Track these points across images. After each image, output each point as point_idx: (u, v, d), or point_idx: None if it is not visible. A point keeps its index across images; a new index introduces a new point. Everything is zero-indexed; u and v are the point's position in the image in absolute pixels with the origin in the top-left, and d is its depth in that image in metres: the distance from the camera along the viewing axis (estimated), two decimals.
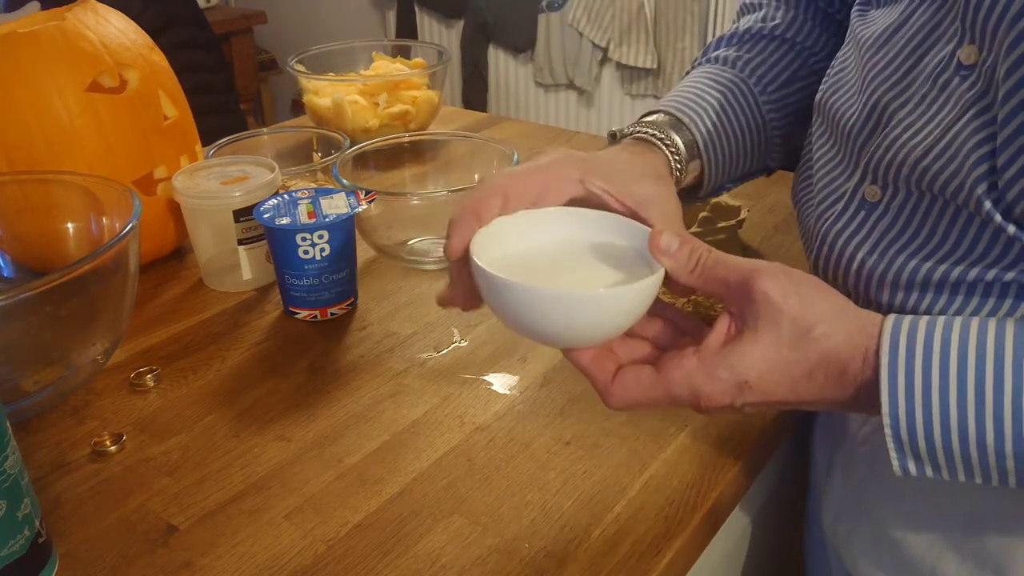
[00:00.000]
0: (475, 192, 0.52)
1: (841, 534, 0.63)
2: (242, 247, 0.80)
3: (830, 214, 0.57)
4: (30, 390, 0.64)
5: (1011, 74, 0.45)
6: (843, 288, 0.56)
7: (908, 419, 0.43)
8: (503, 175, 0.53)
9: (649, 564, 0.51)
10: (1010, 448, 0.42)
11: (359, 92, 1.15)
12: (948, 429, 0.43)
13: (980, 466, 0.44)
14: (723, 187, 0.69)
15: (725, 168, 0.66)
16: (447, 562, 0.52)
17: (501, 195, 0.51)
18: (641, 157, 0.59)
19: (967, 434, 0.42)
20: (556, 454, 0.60)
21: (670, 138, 0.61)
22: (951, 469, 0.44)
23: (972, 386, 0.42)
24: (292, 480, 0.58)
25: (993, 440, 0.42)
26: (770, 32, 0.69)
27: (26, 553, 0.48)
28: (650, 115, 0.64)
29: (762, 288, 0.45)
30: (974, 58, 0.48)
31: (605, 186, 0.53)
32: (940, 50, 0.51)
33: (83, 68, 0.75)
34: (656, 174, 0.57)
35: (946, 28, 0.51)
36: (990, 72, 0.47)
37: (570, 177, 0.54)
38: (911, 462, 0.45)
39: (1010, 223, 0.46)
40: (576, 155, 0.56)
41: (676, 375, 0.46)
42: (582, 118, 2.73)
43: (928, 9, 0.52)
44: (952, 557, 0.54)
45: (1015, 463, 0.42)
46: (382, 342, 0.73)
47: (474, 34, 2.79)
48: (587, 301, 0.45)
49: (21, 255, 0.79)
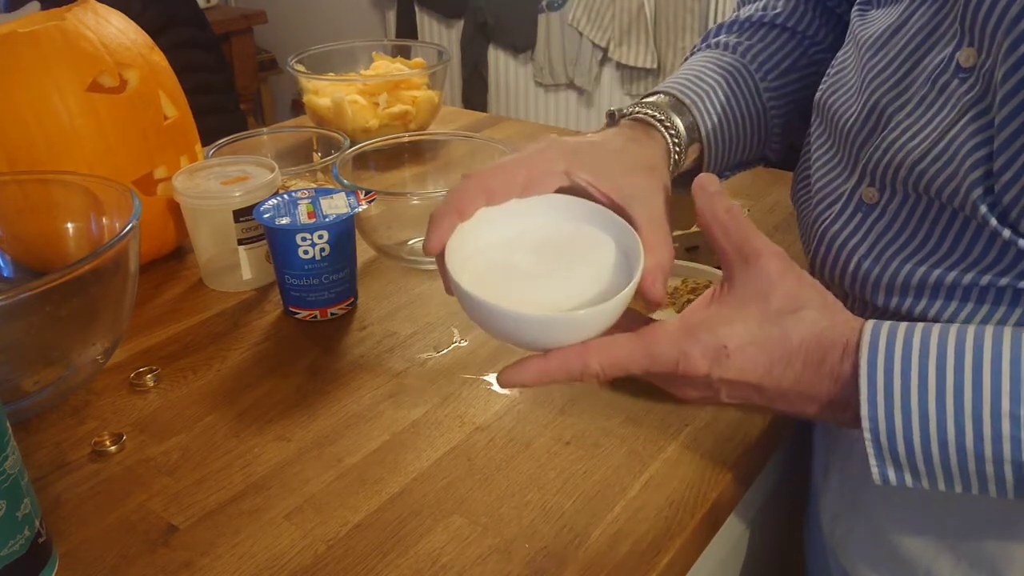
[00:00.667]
0: (458, 188, 0.51)
1: (838, 535, 0.63)
2: (242, 247, 0.80)
3: (828, 215, 0.57)
4: (30, 390, 0.63)
5: (1009, 77, 0.44)
6: (840, 290, 0.56)
7: (887, 422, 0.43)
8: (487, 170, 0.52)
9: (649, 564, 0.51)
10: (989, 451, 0.41)
11: (359, 92, 1.15)
12: (927, 432, 0.42)
13: (960, 472, 0.43)
14: (722, 174, 0.68)
15: (725, 153, 0.65)
16: (447, 562, 0.52)
17: (484, 191, 0.51)
18: (635, 144, 0.58)
19: (946, 437, 0.42)
20: (556, 454, 0.60)
21: (670, 120, 0.60)
22: (931, 476, 0.44)
23: (951, 386, 0.42)
24: (292, 480, 0.58)
25: (972, 443, 0.41)
26: (771, 20, 0.69)
27: (26, 553, 0.48)
28: (651, 96, 0.63)
29: (765, 260, 0.46)
30: (973, 60, 0.48)
31: (591, 179, 0.53)
32: (939, 52, 0.51)
33: (83, 68, 0.75)
34: (648, 165, 0.56)
35: (945, 30, 0.50)
36: (988, 75, 0.46)
37: (555, 169, 0.53)
38: (891, 469, 0.45)
39: (1006, 227, 0.46)
40: (564, 144, 0.55)
41: (658, 334, 0.46)
42: (582, 118, 2.73)
43: (928, 11, 0.52)
44: (948, 559, 0.54)
45: (994, 468, 0.42)
46: (382, 342, 0.73)
47: (474, 34, 2.79)
48: (549, 323, 0.46)
49: (21, 255, 0.79)
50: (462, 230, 0.50)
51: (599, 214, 0.52)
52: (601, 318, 0.46)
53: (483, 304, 0.45)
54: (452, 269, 0.47)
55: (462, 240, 0.49)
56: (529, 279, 0.49)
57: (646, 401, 0.65)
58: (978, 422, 0.41)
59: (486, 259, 0.50)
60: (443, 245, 0.49)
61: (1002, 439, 0.41)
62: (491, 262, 0.50)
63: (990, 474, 0.42)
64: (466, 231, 0.50)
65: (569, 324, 0.46)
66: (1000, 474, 0.42)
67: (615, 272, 0.49)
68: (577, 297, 0.47)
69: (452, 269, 0.47)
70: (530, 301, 0.46)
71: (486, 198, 0.51)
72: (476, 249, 0.50)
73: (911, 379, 0.42)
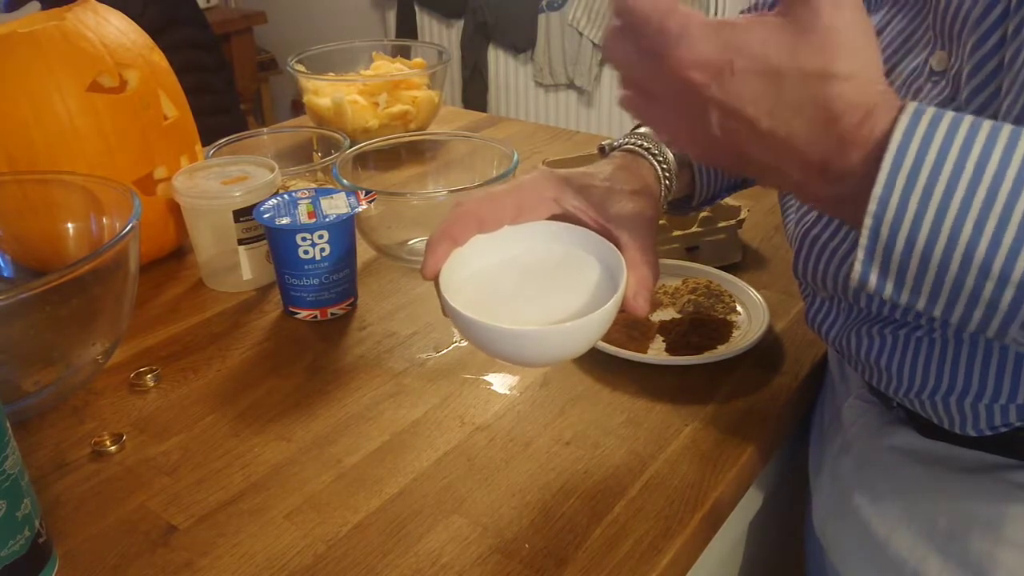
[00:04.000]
0: (452, 215, 0.54)
1: (830, 533, 0.63)
2: (242, 247, 0.80)
3: (809, 218, 0.57)
4: (30, 390, 0.63)
5: (973, 76, 0.45)
6: (825, 291, 0.56)
7: (898, 209, 0.38)
8: (479, 197, 0.55)
9: (649, 564, 0.51)
10: (998, 267, 0.37)
11: (359, 92, 1.15)
12: (937, 231, 0.38)
13: (952, 286, 0.39)
14: (716, 196, 0.69)
15: (716, 176, 0.66)
16: (447, 562, 0.52)
17: (476, 218, 0.54)
18: (624, 171, 0.59)
19: (957, 239, 0.38)
20: (556, 454, 0.60)
21: (659, 149, 0.61)
22: (916, 287, 0.40)
23: (985, 187, 0.37)
24: (292, 480, 0.58)
25: (984, 254, 0.37)
26: None
27: (26, 553, 0.48)
28: (641, 126, 0.64)
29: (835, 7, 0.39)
30: (944, 64, 0.48)
31: (579, 205, 0.55)
32: (915, 58, 0.51)
33: (83, 68, 0.75)
34: (635, 190, 0.57)
35: (920, 36, 0.51)
36: (958, 77, 0.47)
37: (545, 196, 0.55)
38: (874, 271, 0.40)
39: None
40: (554, 173, 0.57)
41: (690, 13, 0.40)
42: (582, 118, 2.73)
43: (905, 17, 0.53)
44: (935, 559, 0.54)
45: (993, 288, 0.38)
46: (382, 342, 0.73)
47: (474, 34, 2.79)
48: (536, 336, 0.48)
49: (21, 255, 0.79)
50: (457, 256, 0.53)
51: (586, 238, 0.54)
52: (582, 331, 0.49)
53: (474, 323, 0.48)
54: (446, 292, 0.50)
55: (456, 265, 0.53)
56: (518, 300, 0.52)
57: (646, 401, 0.65)
58: (1001, 227, 0.37)
59: (478, 283, 0.53)
60: (438, 269, 0.52)
61: (1018, 256, 0.37)
62: (483, 286, 0.53)
63: (985, 295, 0.38)
64: (460, 257, 0.53)
65: (556, 336, 0.49)
66: (996, 297, 0.38)
67: (599, 290, 0.52)
68: (562, 314, 0.50)
69: (446, 292, 0.50)
70: (520, 320, 0.49)
71: (478, 225, 0.54)
72: (470, 274, 0.53)
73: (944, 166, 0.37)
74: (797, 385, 0.67)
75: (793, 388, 0.67)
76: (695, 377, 0.67)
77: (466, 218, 0.54)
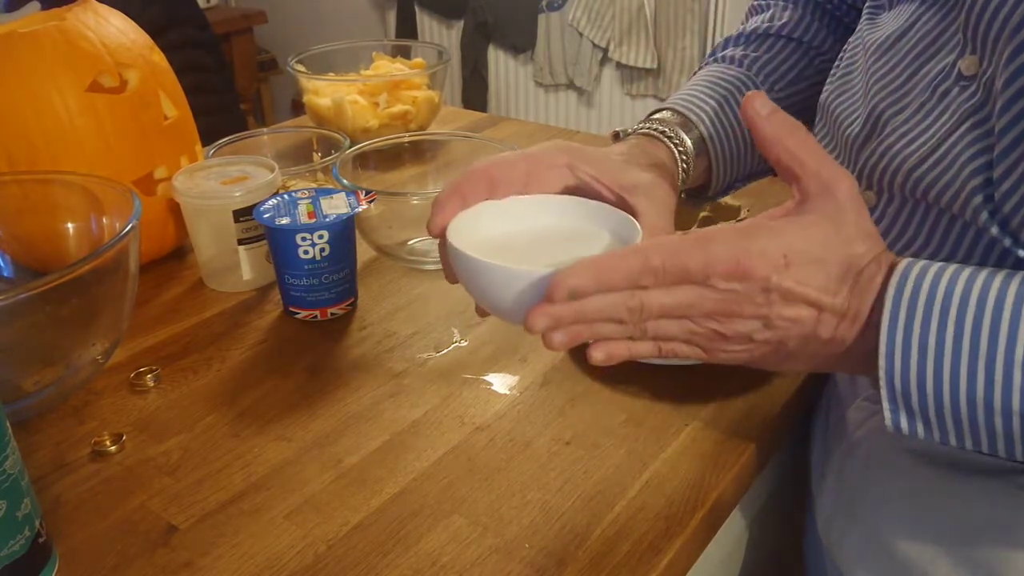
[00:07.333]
0: (463, 175, 0.53)
1: (834, 536, 0.63)
2: (242, 247, 0.80)
3: None
4: (30, 390, 0.63)
5: (1009, 85, 0.44)
6: None
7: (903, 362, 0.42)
8: (491, 160, 0.54)
9: (649, 564, 0.51)
10: (999, 402, 0.40)
11: (359, 92, 1.15)
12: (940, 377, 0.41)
13: (969, 424, 0.42)
14: (732, 185, 0.69)
15: (733, 166, 0.66)
16: (447, 562, 0.52)
17: (487, 178, 0.52)
18: (640, 149, 0.58)
19: (958, 384, 0.41)
20: (556, 454, 0.60)
21: (677, 135, 0.60)
22: (941, 427, 0.43)
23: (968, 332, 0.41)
24: (292, 480, 0.58)
25: (983, 392, 0.40)
26: (777, 31, 0.70)
27: (26, 553, 0.48)
28: (657, 112, 0.64)
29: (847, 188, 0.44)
30: (974, 69, 0.48)
31: (594, 172, 0.53)
32: (942, 60, 0.51)
33: (83, 68, 0.75)
34: (651, 162, 0.56)
35: (949, 38, 0.51)
36: (989, 83, 0.46)
37: (558, 163, 0.54)
38: (903, 416, 0.44)
39: (1006, 235, 0.46)
40: (567, 143, 0.56)
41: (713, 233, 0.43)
42: (582, 118, 2.73)
43: (933, 17, 0.52)
44: (944, 562, 0.53)
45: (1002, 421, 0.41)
46: (382, 342, 0.73)
47: (474, 34, 2.79)
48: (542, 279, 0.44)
49: (21, 255, 0.79)
50: (464, 219, 0.51)
51: (598, 211, 0.52)
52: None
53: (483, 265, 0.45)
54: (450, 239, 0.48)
55: (463, 228, 0.50)
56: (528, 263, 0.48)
57: (646, 401, 0.65)
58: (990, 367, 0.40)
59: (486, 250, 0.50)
60: (446, 225, 0.50)
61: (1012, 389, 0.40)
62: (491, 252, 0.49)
63: (999, 429, 0.41)
64: (465, 221, 0.51)
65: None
66: (1008, 429, 0.41)
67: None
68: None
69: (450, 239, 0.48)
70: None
71: (489, 186, 0.52)
72: (474, 241, 0.50)
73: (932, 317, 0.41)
74: (798, 385, 0.67)
75: (794, 388, 0.66)
76: (695, 377, 0.67)
77: (476, 177, 0.52)
